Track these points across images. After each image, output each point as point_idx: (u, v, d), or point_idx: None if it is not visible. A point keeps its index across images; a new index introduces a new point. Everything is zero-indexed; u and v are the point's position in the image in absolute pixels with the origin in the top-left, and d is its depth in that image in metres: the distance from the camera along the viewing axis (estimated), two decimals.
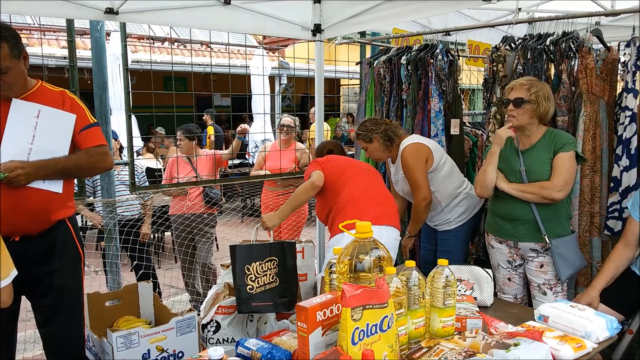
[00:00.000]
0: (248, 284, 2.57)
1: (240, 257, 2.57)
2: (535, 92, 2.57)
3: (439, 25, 3.90)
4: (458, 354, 1.64)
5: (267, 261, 2.61)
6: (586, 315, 1.91)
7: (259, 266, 2.58)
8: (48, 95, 2.26)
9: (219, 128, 9.57)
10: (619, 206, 2.83)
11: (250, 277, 2.57)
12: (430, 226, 3.31)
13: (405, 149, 3.08)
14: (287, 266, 2.66)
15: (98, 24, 3.43)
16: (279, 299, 2.63)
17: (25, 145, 2.16)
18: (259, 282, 2.59)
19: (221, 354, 1.44)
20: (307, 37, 3.72)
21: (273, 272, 2.62)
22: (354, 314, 1.48)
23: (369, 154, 3.22)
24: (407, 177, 3.08)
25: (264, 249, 2.62)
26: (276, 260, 2.63)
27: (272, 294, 2.62)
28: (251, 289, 2.58)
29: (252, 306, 2.62)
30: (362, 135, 3.16)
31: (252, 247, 2.62)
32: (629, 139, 2.76)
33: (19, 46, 2.14)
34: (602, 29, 3.39)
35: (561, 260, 2.58)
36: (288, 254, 2.67)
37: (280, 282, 2.64)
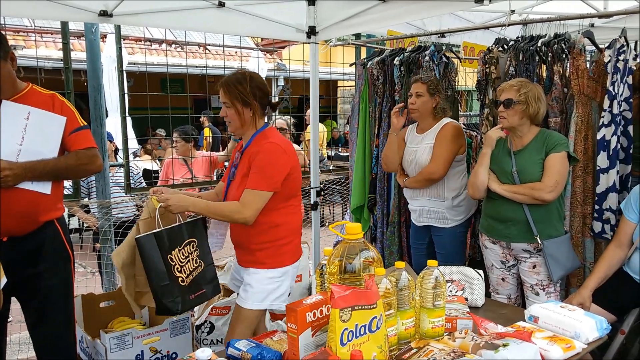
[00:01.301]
0: (177, 275, 2.19)
1: (158, 247, 2.15)
2: (525, 92, 2.59)
3: (434, 27, 3.92)
4: (447, 354, 1.65)
5: (186, 245, 2.27)
6: (576, 315, 1.93)
7: (179, 253, 2.22)
8: (38, 97, 2.26)
9: (216, 130, 9.57)
10: (597, 206, 2.84)
11: (176, 268, 2.19)
12: (422, 225, 3.24)
13: (453, 124, 3.10)
14: (205, 246, 2.38)
15: (92, 26, 3.44)
16: (209, 284, 2.36)
17: (15, 146, 2.16)
18: (185, 270, 2.23)
19: (209, 355, 1.45)
20: (301, 39, 3.73)
21: (195, 255, 2.30)
22: (342, 315, 1.49)
23: (419, 103, 3.09)
24: (437, 148, 3.05)
25: (178, 231, 2.26)
26: (195, 242, 2.32)
27: (202, 280, 2.32)
28: (182, 280, 2.21)
29: (189, 300, 2.25)
30: (432, 85, 3.08)
31: (168, 233, 2.21)
32: (608, 141, 2.77)
33: (4, 47, 2.13)
34: (596, 31, 3.41)
35: (552, 261, 2.59)
36: (204, 232, 2.40)
37: (204, 264, 2.35)
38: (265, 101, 2.40)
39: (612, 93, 2.73)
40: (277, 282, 2.37)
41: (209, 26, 3.41)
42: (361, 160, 3.83)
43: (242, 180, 2.32)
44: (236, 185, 2.37)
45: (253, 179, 2.26)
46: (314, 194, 3.96)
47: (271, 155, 2.28)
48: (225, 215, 2.30)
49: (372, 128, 3.81)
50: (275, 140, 2.33)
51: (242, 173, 2.34)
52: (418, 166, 3.14)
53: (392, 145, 3.24)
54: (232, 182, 2.41)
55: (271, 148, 2.28)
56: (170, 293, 2.15)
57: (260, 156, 2.27)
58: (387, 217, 3.74)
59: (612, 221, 2.78)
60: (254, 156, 2.28)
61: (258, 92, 2.35)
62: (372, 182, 3.81)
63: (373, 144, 3.81)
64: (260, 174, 2.26)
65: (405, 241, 3.68)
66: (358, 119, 3.89)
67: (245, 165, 2.33)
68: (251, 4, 3.34)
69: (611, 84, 2.74)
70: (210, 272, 2.36)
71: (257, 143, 2.34)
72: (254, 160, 2.28)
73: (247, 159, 2.33)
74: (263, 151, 2.28)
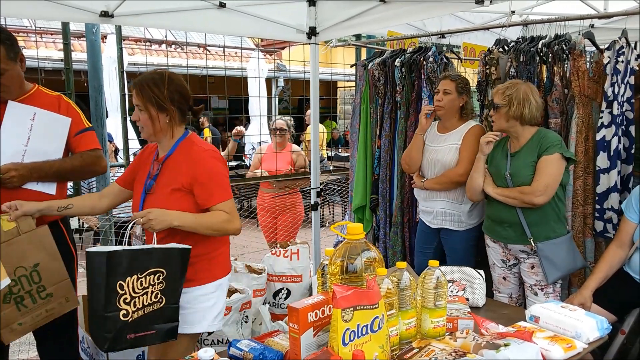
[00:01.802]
0: (121, 308, 1.81)
1: (109, 269, 1.79)
2: (509, 95, 2.59)
3: (434, 28, 3.92)
4: (449, 354, 1.66)
5: (150, 274, 1.88)
6: (576, 315, 1.93)
7: (136, 281, 1.85)
8: (44, 99, 2.29)
9: (215, 130, 9.59)
10: (599, 206, 2.85)
11: (124, 299, 1.81)
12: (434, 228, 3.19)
13: (481, 127, 3.06)
14: (177, 280, 1.96)
15: (93, 27, 3.45)
16: (164, 324, 1.93)
17: (20, 147, 2.19)
18: (136, 303, 1.84)
19: (211, 355, 1.45)
20: (302, 39, 3.74)
21: (157, 288, 1.90)
22: (344, 315, 1.49)
23: (445, 101, 3.03)
24: (466, 151, 2.98)
25: (145, 256, 1.88)
26: (163, 273, 1.91)
27: (156, 319, 1.90)
28: (126, 314, 1.82)
29: (126, 339, 1.85)
30: (460, 83, 3.03)
31: (128, 254, 1.85)
32: (608, 141, 2.77)
33: (15, 48, 2.17)
34: (596, 31, 3.41)
35: (548, 262, 2.59)
36: (181, 264, 1.97)
37: (166, 301, 1.93)
38: (185, 106, 2.15)
39: (612, 94, 2.74)
40: (212, 298, 2.14)
41: (209, 27, 3.41)
42: (363, 161, 3.83)
43: (172, 194, 2.05)
44: (162, 199, 2.06)
45: (216, 191, 2.06)
46: (314, 194, 3.97)
47: (217, 165, 2.09)
48: (216, 229, 2.06)
49: (374, 129, 3.82)
50: (209, 148, 2.15)
51: (171, 186, 2.06)
52: (440, 165, 3.07)
53: (417, 145, 3.16)
54: (150, 195, 2.11)
55: (212, 157, 2.10)
56: (102, 326, 1.79)
57: (206, 167, 2.06)
58: (390, 217, 3.74)
59: (615, 220, 2.79)
60: (193, 168, 2.05)
61: (177, 96, 2.09)
62: (374, 183, 3.81)
63: (374, 145, 3.81)
64: (217, 185, 2.07)
65: (408, 241, 3.68)
66: (359, 120, 3.89)
67: (171, 177, 2.08)
68: (252, 4, 3.35)
69: (610, 85, 2.75)
70: (170, 311, 1.94)
71: (187, 152, 2.11)
72: (198, 173, 2.05)
73: (175, 170, 2.08)
74: (205, 162, 2.07)
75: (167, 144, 2.14)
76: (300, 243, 3.54)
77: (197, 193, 2.05)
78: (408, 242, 3.67)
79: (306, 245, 3.53)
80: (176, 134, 2.15)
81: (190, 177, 2.05)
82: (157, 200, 2.07)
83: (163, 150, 2.15)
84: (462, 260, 2.96)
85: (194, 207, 2.07)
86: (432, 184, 3.09)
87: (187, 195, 2.06)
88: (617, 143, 2.75)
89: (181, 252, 1.95)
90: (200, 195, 2.05)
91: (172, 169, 2.10)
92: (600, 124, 2.80)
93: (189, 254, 1.97)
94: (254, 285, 3.20)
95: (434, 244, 3.24)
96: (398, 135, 3.65)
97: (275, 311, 3.42)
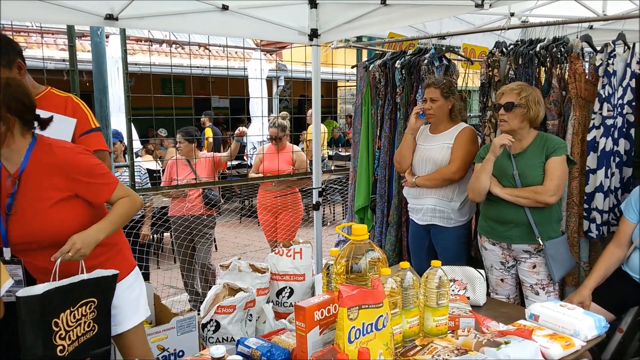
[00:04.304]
0: (57, 344, 1.77)
1: (43, 310, 1.74)
2: (526, 96, 2.64)
3: (434, 30, 3.96)
4: (450, 351, 1.70)
5: (82, 305, 1.86)
6: (575, 314, 1.97)
7: (70, 315, 1.81)
8: (53, 100, 2.32)
9: (217, 130, 9.61)
10: (587, 206, 2.88)
11: (59, 335, 1.78)
12: (424, 224, 3.26)
13: (471, 128, 3.16)
14: (107, 306, 1.98)
15: (98, 29, 3.47)
16: (98, 349, 1.94)
17: None
18: (70, 337, 1.81)
19: (223, 352, 1.50)
20: (304, 41, 3.77)
21: (90, 317, 1.89)
22: (350, 314, 1.53)
23: (434, 108, 3.11)
24: (458, 150, 3.08)
25: (76, 289, 1.85)
26: (94, 302, 1.90)
27: (90, 346, 1.90)
28: (62, 349, 1.79)
29: None
30: (445, 89, 3.10)
31: (61, 290, 1.80)
32: (598, 142, 2.81)
33: (9, 56, 2.16)
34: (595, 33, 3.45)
35: (553, 261, 2.64)
36: (109, 290, 1.98)
37: (99, 328, 1.92)
38: (29, 116, 1.94)
39: (603, 96, 2.78)
40: (136, 287, 2.17)
41: (212, 29, 3.45)
42: (365, 162, 3.87)
43: (57, 206, 1.93)
44: (37, 216, 1.91)
45: (102, 183, 2.01)
46: (316, 194, 4.01)
47: (87, 159, 2.01)
48: (130, 215, 2.07)
49: (374, 130, 3.86)
50: (69, 145, 2.04)
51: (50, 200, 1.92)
52: (432, 163, 3.15)
53: (407, 144, 3.25)
54: (13, 216, 1.92)
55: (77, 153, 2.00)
56: None
57: (79, 167, 1.97)
58: (387, 217, 3.79)
59: (598, 221, 2.83)
60: (66, 172, 1.94)
61: (15, 104, 1.87)
62: (374, 183, 3.86)
63: (375, 146, 3.86)
64: (99, 176, 2.01)
65: (405, 241, 3.72)
66: (361, 121, 3.93)
67: (41, 190, 1.93)
68: (254, 6, 3.38)
69: (602, 87, 2.79)
70: (103, 337, 1.96)
71: (48, 158, 1.95)
72: (74, 175, 1.95)
73: (43, 181, 1.93)
74: (74, 162, 1.97)
75: (16, 157, 1.94)
76: (303, 242, 3.57)
77: (84, 194, 1.99)
78: (405, 242, 3.71)
79: (309, 245, 3.57)
80: (23, 145, 1.94)
81: (69, 182, 1.95)
82: (31, 219, 1.92)
83: (13, 165, 1.94)
84: (453, 258, 3.03)
85: (83, 210, 2.01)
86: (424, 181, 3.16)
87: (73, 200, 1.98)
88: (605, 144, 2.78)
89: (110, 279, 1.96)
90: (88, 195, 2.00)
91: (37, 183, 1.93)
92: (591, 125, 2.85)
93: (115, 277, 1.99)
94: (257, 284, 3.24)
95: (425, 244, 3.30)
96: (397, 136, 3.69)
97: (278, 309, 3.46)
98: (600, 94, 2.79)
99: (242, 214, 8.32)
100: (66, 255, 1.85)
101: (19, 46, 2.24)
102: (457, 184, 3.12)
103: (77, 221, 1.98)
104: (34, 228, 1.92)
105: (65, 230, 1.93)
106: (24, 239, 1.94)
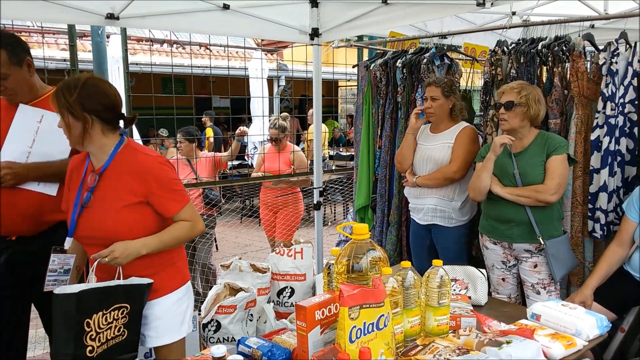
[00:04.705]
0: (87, 344, 1.81)
1: (78, 309, 1.80)
2: (526, 95, 2.63)
3: (435, 29, 3.95)
4: (452, 351, 1.69)
5: (114, 309, 1.89)
6: (577, 313, 1.97)
7: (102, 317, 1.86)
8: None
9: (217, 130, 9.62)
10: (591, 206, 2.88)
11: (90, 335, 1.82)
12: (425, 224, 3.25)
13: (472, 128, 3.16)
14: (139, 313, 2.01)
15: (99, 29, 3.48)
16: (125, 355, 1.96)
17: (25, 148, 2.23)
18: (100, 339, 1.85)
19: (223, 352, 1.49)
20: (305, 40, 3.77)
21: (121, 322, 1.92)
22: (351, 313, 1.53)
23: (435, 107, 3.11)
24: (459, 149, 3.07)
25: (111, 292, 1.89)
26: (127, 308, 1.93)
27: (118, 351, 1.93)
28: (91, 350, 1.84)
29: None
30: (445, 87, 3.09)
31: (97, 292, 1.85)
32: (601, 141, 2.81)
33: (19, 54, 2.18)
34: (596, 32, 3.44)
35: (554, 260, 2.64)
36: (143, 298, 2.00)
37: (128, 334, 1.95)
38: (108, 115, 1.97)
39: (606, 95, 2.77)
40: (184, 302, 2.16)
41: (213, 28, 3.45)
42: (365, 161, 3.87)
43: (124, 210, 1.97)
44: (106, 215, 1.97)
45: (173, 199, 2.02)
46: (317, 194, 4.00)
47: (166, 171, 2.04)
48: (182, 240, 2.09)
49: (375, 129, 3.86)
50: (154, 154, 2.08)
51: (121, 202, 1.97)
52: (433, 162, 3.15)
53: (408, 143, 3.25)
54: (87, 209, 1.99)
55: (159, 163, 2.03)
56: None
57: (157, 177, 2.00)
58: (388, 216, 3.79)
59: (602, 220, 2.82)
60: (144, 179, 1.98)
61: (88, 103, 1.90)
62: (374, 182, 3.86)
63: (376, 145, 3.85)
64: (173, 192, 2.03)
65: (405, 240, 3.72)
66: (362, 121, 3.93)
67: (117, 192, 1.98)
68: (255, 6, 3.38)
69: (605, 85, 2.79)
70: (132, 344, 1.98)
71: (130, 163, 2.00)
72: (150, 184, 1.98)
73: (120, 183, 1.98)
74: (154, 171, 2.00)
75: (100, 154, 2.01)
76: (304, 242, 3.57)
77: (153, 203, 2.01)
78: (405, 241, 3.71)
79: (309, 245, 3.56)
80: (105, 144, 2.00)
81: (144, 189, 1.98)
82: (97, 216, 1.98)
83: (98, 161, 2.02)
84: (454, 258, 3.02)
85: (152, 218, 2.04)
86: (425, 180, 3.16)
87: (143, 207, 2.01)
88: (609, 143, 2.77)
89: (146, 287, 1.99)
90: (158, 205, 2.02)
91: (116, 182, 1.99)
92: (595, 124, 2.84)
93: (150, 287, 2.00)
94: (258, 284, 3.23)
95: (426, 243, 3.30)
96: (398, 135, 3.69)
97: (279, 309, 3.45)
98: (603, 93, 2.78)
99: (243, 213, 8.32)
100: (103, 259, 1.89)
101: (27, 44, 2.26)
102: (458, 183, 3.12)
103: (143, 227, 2.00)
104: (101, 224, 1.97)
105: (129, 233, 1.96)
106: (89, 232, 2.00)
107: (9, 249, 2.28)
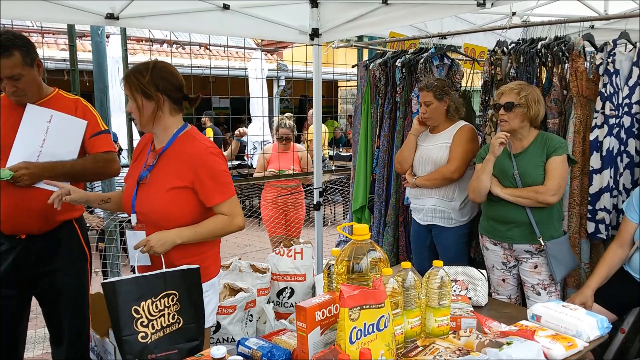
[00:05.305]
0: (139, 330, 1.88)
1: (122, 297, 1.87)
2: (525, 95, 2.63)
3: (435, 29, 3.95)
4: (452, 352, 1.69)
5: (163, 297, 1.94)
6: (577, 314, 1.97)
7: (151, 305, 1.91)
8: (62, 102, 2.35)
9: (217, 130, 9.61)
10: (591, 207, 2.87)
11: (141, 322, 1.89)
12: (425, 225, 3.25)
13: (470, 127, 3.15)
14: (192, 300, 2.01)
15: (99, 29, 3.47)
16: (185, 343, 1.97)
17: (36, 147, 2.24)
18: (154, 325, 1.91)
19: (223, 353, 1.49)
20: (305, 41, 3.77)
21: (174, 310, 1.96)
22: (351, 314, 1.52)
23: (430, 112, 3.12)
24: (457, 149, 3.07)
25: (156, 281, 1.94)
26: (176, 295, 1.96)
27: (176, 339, 1.96)
28: (144, 336, 1.88)
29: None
30: (437, 91, 3.08)
31: (139, 281, 1.91)
32: (601, 142, 2.81)
33: (32, 54, 2.22)
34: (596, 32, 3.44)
35: (555, 261, 2.63)
36: (192, 284, 2.02)
37: (184, 321, 1.97)
38: (177, 95, 2.10)
39: (605, 95, 2.77)
40: (207, 297, 2.14)
41: (213, 28, 3.45)
42: (363, 161, 3.87)
43: (170, 193, 2.03)
44: (157, 194, 2.04)
45: (218, 190, 2.06)
46: (317, 194, 4.00)
47: (217, 162, 2.08)
48: (218, 234, 2.12)
49: (374, 129, 3.85)
50: (209, 144, 2.14)
51: (169, 184, 2.04)
52: (431, 163, 3.15)
53: (410, 145, 3.25)
54: (143, 185, 2.08)
55: (212, 153, 2.09)
56: (122, 348, 1.87)
57: (207, 165, 2.05)
58: (385, 217, 3.78)
59: (607, 221, 2.81)
60: (194, 165, 2.04)
61: (162, 83, 2.04)
62: (372, 182, 3.85)
63: (374, 145, 3.85)
64: (219, 183, 2.06)
65: (402, 240, 3.72)
66: (360, 120, 3.93)
67: (169, 173, 2.05)
68: (255, 6, 3.39)
69: (603, 85, 2.78)
70: (190, 331, 1.98)
71: (186, 148, 2.08)
72: (199, 171, 2.03)
73: (174, 166, 2.05)
74: (206, 159, 2.06)
75: (163, 135, 2.11)
76: (304, 242, 3.57)
77: (199, 191, 2.05)
78: (403, 242, 3.70)
79: (309, 245, 3.57)
80: (170, 125, 2.10)
81: (192, 175, 2.03)
82: (150, 194, 2.05)
83: (159, 142, 2.13)
84: (454, 258, 3.02)
85: (194, 204, 2.07)
86: (423, 181, 3.16)
87: (188, 193, 2.05)
88: (610, 144, 2.76)
89: (191, 273, 2.00)
90: (201, 194, 2.05)
91: (169, 164, 2.07)
92: (594, 124, 2.83)
93: (198, 272, 2.01)
94: (258, 285, 3.24)
95: (427, 243, 3.30)
96: (396, 135, 3.69)
97: (279, 310, 3.46)
98: (602, 93, 2.78)
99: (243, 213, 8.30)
100: (142, 249, 1.98)
101: (34, 45, 2.28)
102: (458, 183, 3.11)
103: (184, 213, 2.05)
104: (148, 203, 2.05)
105: (170, 216, 2.03)
106: (139, 208, 2.07)
107: (17, 248, 2.29)
